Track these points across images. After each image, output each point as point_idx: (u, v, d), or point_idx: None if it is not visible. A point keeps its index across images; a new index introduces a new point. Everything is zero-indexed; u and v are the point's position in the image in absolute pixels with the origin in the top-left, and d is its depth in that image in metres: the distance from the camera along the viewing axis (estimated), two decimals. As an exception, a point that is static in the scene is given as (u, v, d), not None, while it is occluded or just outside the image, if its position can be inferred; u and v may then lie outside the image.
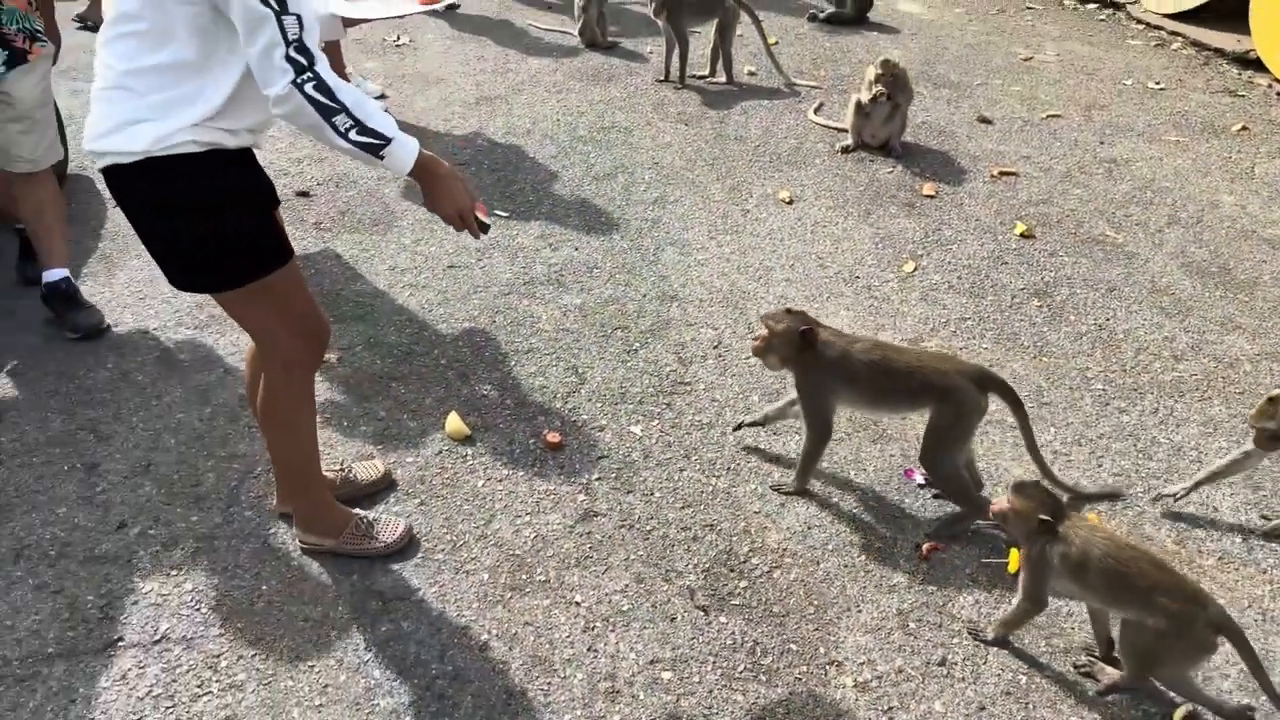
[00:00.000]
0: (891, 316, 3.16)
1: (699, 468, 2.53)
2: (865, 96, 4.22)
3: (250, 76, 1.73)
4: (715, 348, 3.02)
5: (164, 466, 2.55)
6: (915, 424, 2.57)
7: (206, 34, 1.73)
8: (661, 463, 2.54)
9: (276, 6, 1.63)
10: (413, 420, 2.73)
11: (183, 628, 2.11)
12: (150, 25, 1.71)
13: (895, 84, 4.19)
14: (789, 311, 2.38)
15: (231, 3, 1.65)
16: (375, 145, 1.75)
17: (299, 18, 1.65)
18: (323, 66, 1.69)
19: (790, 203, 3.94)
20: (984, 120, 4.69)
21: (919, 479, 2.48)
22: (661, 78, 5.26)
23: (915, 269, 3.43)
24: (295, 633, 2.10)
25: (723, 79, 5.21)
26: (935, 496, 2.44)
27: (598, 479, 2.50)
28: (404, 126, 5.00)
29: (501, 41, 5.91)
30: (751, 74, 5.38)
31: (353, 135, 1.73)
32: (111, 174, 1.81)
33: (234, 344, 2.92)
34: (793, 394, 2.46)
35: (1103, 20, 6.34)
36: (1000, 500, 2.03)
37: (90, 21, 5.87)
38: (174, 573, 2.24)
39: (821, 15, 6.29)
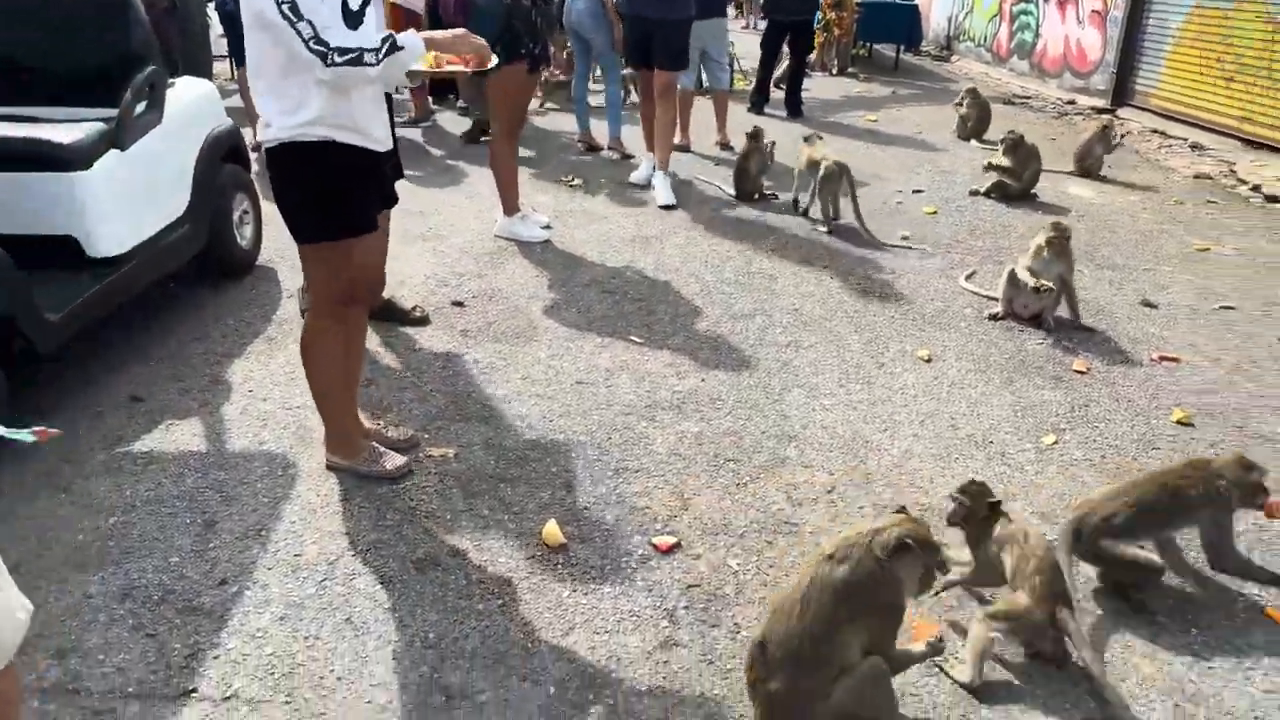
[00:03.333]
0: (1024, 487, 2.96)
1: (792, 612, 2.39)
2: (1023, 268, 4.12)
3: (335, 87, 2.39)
4: (828, 493, 2.91)
5: (274, 533, 2.65)
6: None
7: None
8: (754, 601, 2.42)
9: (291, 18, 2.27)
10: (513, 522, 2.73)
11: (254, 689, 2.13)
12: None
13: (1062, 255, 4.08)
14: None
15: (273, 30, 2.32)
16: (391, 49, 2.35)
17: (311, 23, 2.27)
18: (340, 41, 2.30)
19: (928, 361, 3.83)
20: (1148, 304, 4.47)
21: None
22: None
23: (1056, 442, 3.22)
24: (356, 714, 2.07)
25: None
26: None
27: (684, 608, 2.40)
28: (562, 254, 5.23)
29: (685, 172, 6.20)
30: (905, 238, 5.39)
31: (383, 57, 2.34)
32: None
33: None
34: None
35: (1292, 219, 6.01)
36: None
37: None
38: (258, 634, 2.28)
39: (983, 189, 6.29)
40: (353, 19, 2.40)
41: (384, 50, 2.34)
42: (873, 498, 2.88)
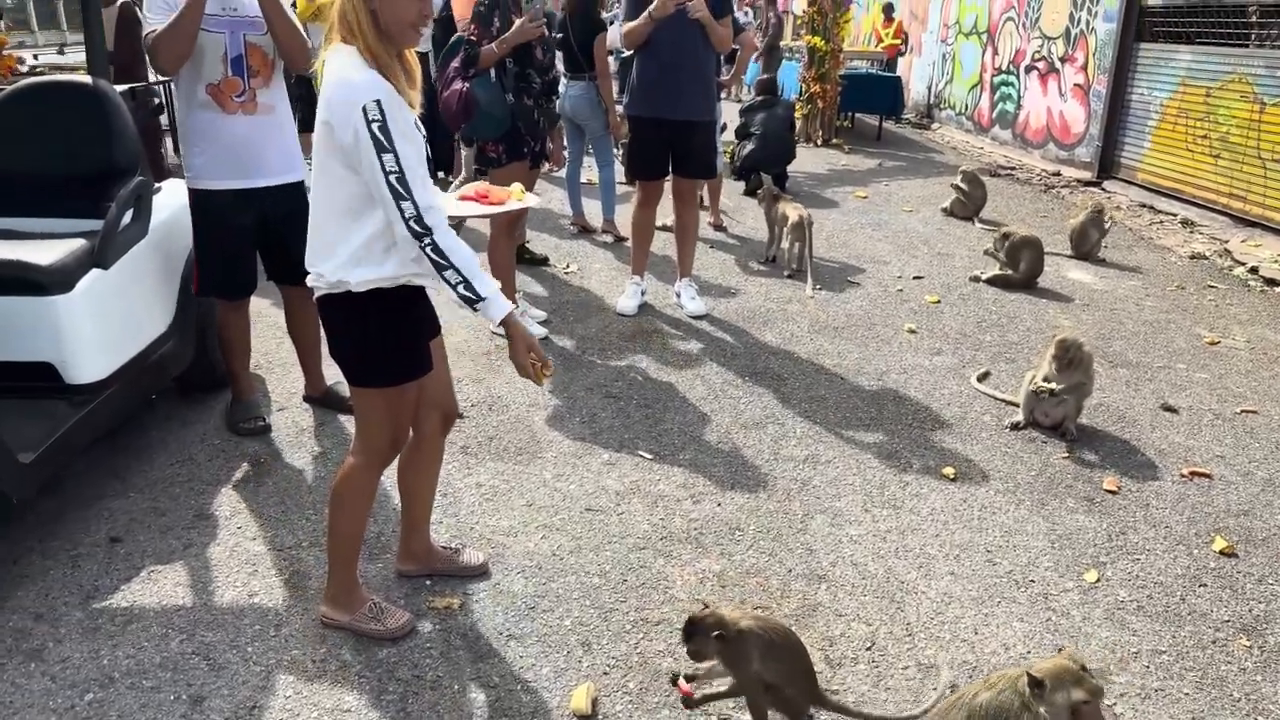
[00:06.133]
0: (1072, 636, 2.77)
1: (843, 806, 2.18)
2: (1040, 376, 4.00)
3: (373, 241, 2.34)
4: (868, 649, 2.71)
5: (269, 712, 2.41)
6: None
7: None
8: (800, 793, 2.21)
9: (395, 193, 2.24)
10: (527, 694, 2.51)
11: None
12: None
13: (1074, 366, 3.97)
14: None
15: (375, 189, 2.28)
16: (471, 300, 2.33)
17: (415, 202, 2.25)
18: (441, 236, 2.27)
19: (954, 479, 3.67)
20: (1168, 409, 4.35)
21: None
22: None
23: (1099, 579, 3.05)
24: None
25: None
26: None
27: (726, 803, 2.18)
28: (562, 353, 5.03)
29: (664, 277, 6.07)
30: (912, 331, 5.27)
31: (460, 290, 2.31)
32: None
33: (359, 572, 2.82)
34: None
35: (1295, 306, 5.97)
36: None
37: None
38: None
39: (984, 277, 6.20)
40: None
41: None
42: (916, 654, 2.69)
